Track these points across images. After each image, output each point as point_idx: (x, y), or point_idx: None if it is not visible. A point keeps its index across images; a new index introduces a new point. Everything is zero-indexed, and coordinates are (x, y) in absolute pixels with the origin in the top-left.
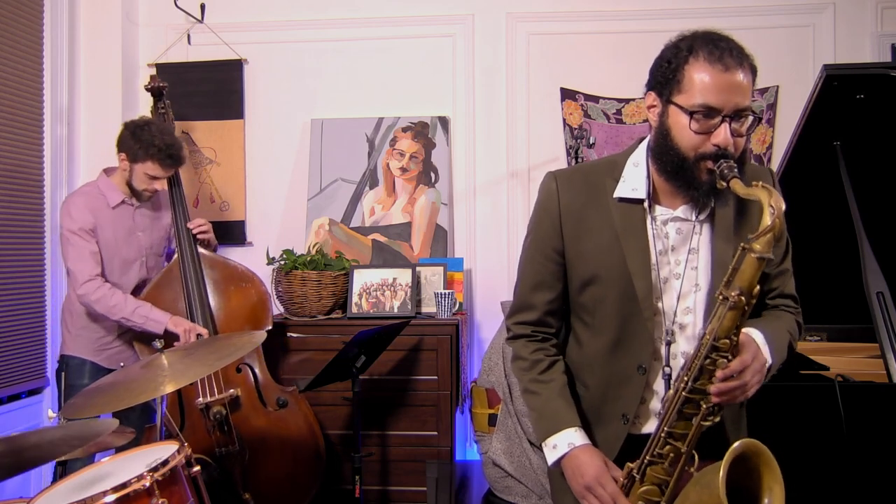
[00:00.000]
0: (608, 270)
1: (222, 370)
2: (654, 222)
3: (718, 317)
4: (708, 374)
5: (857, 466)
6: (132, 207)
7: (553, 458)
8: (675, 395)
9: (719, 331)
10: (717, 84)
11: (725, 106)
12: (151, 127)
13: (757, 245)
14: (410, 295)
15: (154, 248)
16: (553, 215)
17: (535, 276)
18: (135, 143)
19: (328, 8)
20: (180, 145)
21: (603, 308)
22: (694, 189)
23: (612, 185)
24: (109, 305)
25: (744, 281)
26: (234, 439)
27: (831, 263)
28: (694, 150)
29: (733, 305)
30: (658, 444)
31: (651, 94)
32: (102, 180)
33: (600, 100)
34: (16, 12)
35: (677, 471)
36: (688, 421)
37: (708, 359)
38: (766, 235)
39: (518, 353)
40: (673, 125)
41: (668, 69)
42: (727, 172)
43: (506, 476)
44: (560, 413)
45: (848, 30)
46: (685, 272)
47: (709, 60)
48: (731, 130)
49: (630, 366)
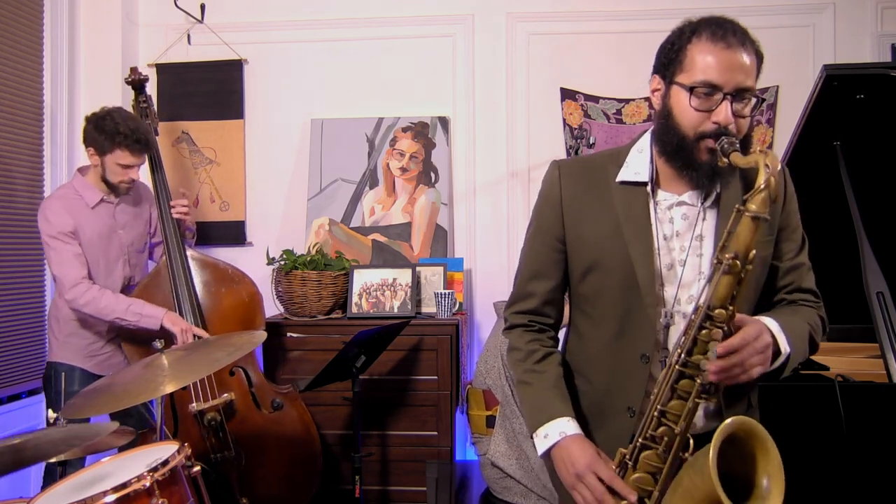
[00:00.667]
0: (610, 257)
1: (215, 374)
2: (658, 207)
3: (713, 283)
4: (702, 347)
5: (857, 466)
6: (112, 205)
7: (543, 447)
8: (667, 370)
9: (713, 298)
10: (719, 61)
11: (727, 84)
12: (114, 115)
13: (752, 205)
14: (410, 295)
15: (135, 245)
16: (555, 203)
17: (534, 264)
18: (99, 135)
19: (328, 8)
20: (146, 129)
21: (604, 297)
22: (693, 169)
23: (615, 172)
24: (100, 307)
25: (739, 244)
26: (230, 444)
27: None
28: (694, 129)
29: (728, 269)
30: (651, 425)
31: (655, 77)
32: (78, 180)
33: (600, 100)
34: (16, 12)
35: (671, 457)
36: (682, 400)
37: (703, 329)
38: (761, 194)
39: (514, 343)
40: (674, 105)
41: (671, 50)
42: (727, 147)
43: (505, 477)
44: (553, 403)
45: (848, 30)
46: (689, 259)
47: (711, 39)
48: (733, 111)
49: (633, 356)
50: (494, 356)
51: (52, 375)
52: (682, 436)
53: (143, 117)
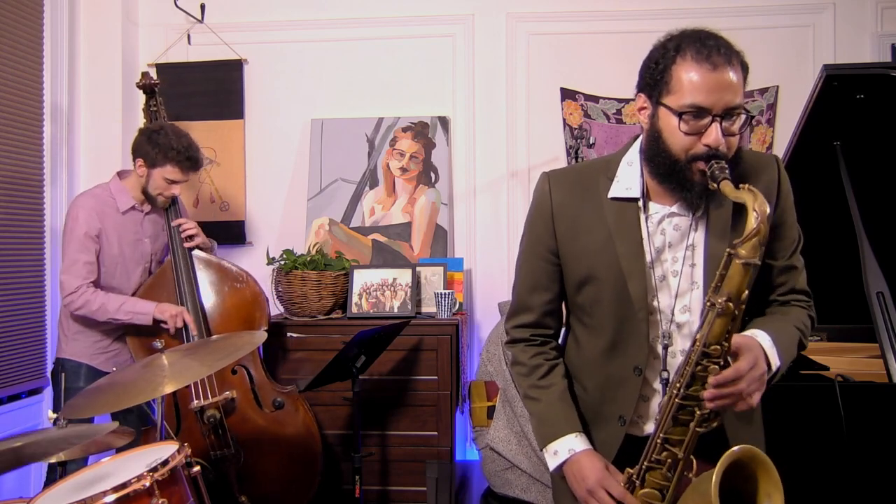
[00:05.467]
0: (603, 270)
1: (217, 372)
2: (650, 220)
3: (708, 323)
4: (700, 381)
5: (857, 466)
6: (141, 214)
7: (554, 464)
8: (668, 402)
9: (709, 337)
10: (706, 83)
11: (715, 105)
12: (168, 130)
13: (742, 250)
14: (410, 295)
15: (157, 256)
16: (546, 215)
17: (530, 277)
18: (152, 148)
19: (328, 8)
20: (198, 147)
21: (599, 309)
22: (687, 191)
23: (607, 185)
24: (93, 310)
25: (732, 287)
26: (229, 442)
27: (831, 263)
28: (685, 152)
29: (721, 312)
30: (655, 451)
31: (641, 95)
32: (115, 184)
33: (600, 100)
34: (16, 12)
35: (676, 475)
36: (684, 427)
37: (699, 365)
38: (752, 240)
39: (517, 358)
40: (664, 127)
41: (655, 70)
42: (718, 174)
43: (505, 469)
44: (560, 419)
45: (848, 30)
46: (683, 269)
47: (696, 60)
48: (723, 130)
49: (626, 368)
50: (496, 344)
51: (59, 371)
52: (686, 459)
53: (154, 121)
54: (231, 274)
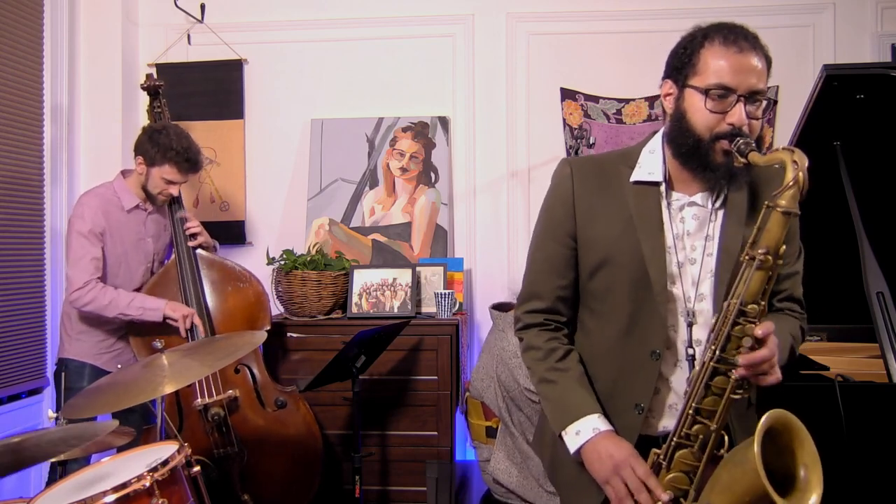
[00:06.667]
0: (621, 254)
1: (220, 371)
2: (671, 207)
3: (745, 279)
4: (736, 342)
5: (857, 466)
6: (145, 213)
7: (575, 444)
8: (701, 368)
9: (746, 295)
10: (733, 65)
11: (740, 86)
12: (170, 130)
13: (782, 200)
14: (410, 295)
15: (160, 255)
16: (566, 199)
17: (546, 262)
18: (152, 147)
19: (328, 8)
20: (198, 149)
21: (613, 294)
22: (710, 171)
23: (627, 172)
24: (103, 305)
25: (770, 239)
26: (233, 440)
27: (831, 263)
28: (709, 131)
29: (760, 265)
30: (686, 423)
31: (667, 82)
32: (118, 182)
33: (600, 100)
34: (16, 12)
35: (706, 455)
36: (716, 396)
37: (736, 325)
38: (791, 190)
39: (531, 342)
40: (688, 107)
41: (683, 55)
42: (744, 147)
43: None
44: (582, 400)
45: (848, 30)
46: (701, 259)
47: (724, 43)
48: (746, 112)
49: (643, 352)
50: (490, 375)
51: (61, 371)
52: (717, 433)
53: (157, 122)
54: (234, 273)
